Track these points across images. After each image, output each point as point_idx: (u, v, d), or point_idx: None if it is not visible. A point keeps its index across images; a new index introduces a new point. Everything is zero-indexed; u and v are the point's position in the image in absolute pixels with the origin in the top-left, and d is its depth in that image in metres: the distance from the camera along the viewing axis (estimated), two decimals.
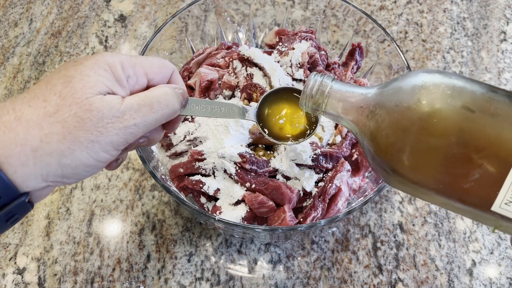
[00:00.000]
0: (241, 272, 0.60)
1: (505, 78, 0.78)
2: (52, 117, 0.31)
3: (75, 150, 0.32)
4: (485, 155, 0.31)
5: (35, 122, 0.31)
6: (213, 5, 0.67)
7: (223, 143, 0.55)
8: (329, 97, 0.41)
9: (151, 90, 0.36)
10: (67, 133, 0.31)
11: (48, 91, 0.32)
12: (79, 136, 0.32)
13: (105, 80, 0.33)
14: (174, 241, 0.62)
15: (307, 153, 0.54)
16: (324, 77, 0.41)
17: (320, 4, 0.68)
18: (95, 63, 0.34)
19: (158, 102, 0.35)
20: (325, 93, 0.41)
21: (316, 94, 0.41)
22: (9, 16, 0.85)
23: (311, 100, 0.42)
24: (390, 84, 0.38)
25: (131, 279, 0.59)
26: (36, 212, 0.64)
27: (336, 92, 0.40)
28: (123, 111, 0.33)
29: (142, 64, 0.36)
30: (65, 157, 0.32)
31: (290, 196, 0.53)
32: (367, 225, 0.63)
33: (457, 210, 0.35)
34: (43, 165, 0.31)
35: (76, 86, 0.32)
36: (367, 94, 0.39)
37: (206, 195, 0.56)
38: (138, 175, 0.67)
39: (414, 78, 0.36)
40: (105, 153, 0.33)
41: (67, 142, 0.31)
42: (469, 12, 0.85)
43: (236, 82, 0.61)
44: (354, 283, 0.59)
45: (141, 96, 0.35)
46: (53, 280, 0.59)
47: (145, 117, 0.35)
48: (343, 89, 0.41)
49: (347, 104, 0.40)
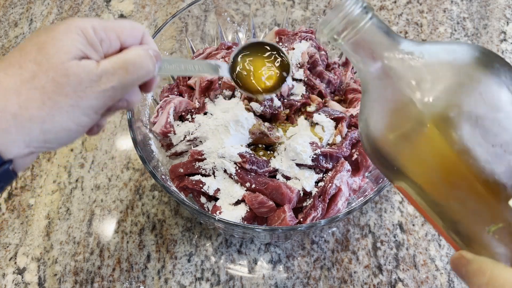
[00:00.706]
0: (241, 272, 0.60)
1: None
2: (30, 83, 0.32)
3: (56, 116, 0.33)
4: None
5: (12, 89, 0.31)
6: (213, 5, 0.67)
7: (223, 143, 0.55)
8: (363, 30, 0.34)
9: (125, 52, 0.37)
10: (46, 99, 0.32)
11: (22, 57, 0.32)
12: (58, 101, 0.32)
13: (79, 44, 0.34)
14: (174, 241, 0.62)
15: (307, 153, 0.54)
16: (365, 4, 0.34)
17: (320, 4, 0.68)
18: (67, 28, 0.34)
19: (132, 64, 0.36)
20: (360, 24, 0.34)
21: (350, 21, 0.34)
22: (9, 16, 0.85)
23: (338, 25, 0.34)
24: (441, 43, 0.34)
25: (131, 279, 0.59)
26: (36, 212, 0.64)
27: (374, 27, 0.34)
28: (99, 75, 0.34)
29: (114, 27, 0.37)
30: (46, 123, 0.32)
31: (290, 196, 0.53)
32: (367, 225, 0.63)
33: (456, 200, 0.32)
34: (25, 131, 0.32)
35: (50, 51, 0.32)
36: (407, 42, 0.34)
37: (206, 195, 0.56)
38: (138, 175, 0.67)
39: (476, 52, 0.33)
40: (85, 117, 0.34)
41: (46, 108, 0.32)
42: (469, 12, 0.85)
43: None
44: (354, 283, 0.59)
45: (115, 59, 0.36)
46: (53, 280, 0.59)
47: (122, 79, 0.35)
48: (381, 27, 0.34)
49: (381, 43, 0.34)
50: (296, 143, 0.55)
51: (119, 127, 0.72)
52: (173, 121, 0.59)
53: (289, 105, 0.59)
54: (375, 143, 0.35)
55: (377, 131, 0.35)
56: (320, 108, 0.60)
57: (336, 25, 0.34)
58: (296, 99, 0.60)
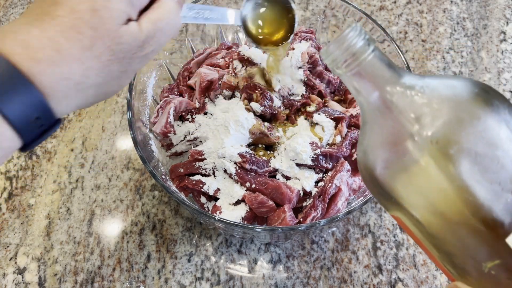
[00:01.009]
0: (241, 272, 0.60)
1: (504, 78, 0.78)
2: (89, 51, 0.32)
3: (110, 82, 0.35)
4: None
5: (75, 56, 0.32)
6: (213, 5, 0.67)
7: (223, 143, 0.55)
8: (364, 62, 0.34)
9: (158, 9, 0.37)
10: (103, 67, 0.33)
11: (77, 20, 0.32)
12: (113, 69, 0.34)
13: (124, 6, 0.34)
14: (174, 241, 0.62)
15: (307, 153, 0.54)
16: (366, 37, 0.34)
17: (320, 4, 0.68)
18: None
19: (167, 24, 0.37)
20: (362, 56, 0.33)
21: (352, 54, 0.33)
22: (9, 16, 0.85)
23: (340, 56, 0.34)
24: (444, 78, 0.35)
25: (131, 279, 0.59)
26: (36, 212, 0.64)
27: (375, 60, 0.34)
28: (143, 40, 0.35)
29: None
30: (101, 88, 0.34)
31: (290, 196, 0.53)
32: (367, 225, 0.63)
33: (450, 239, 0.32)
34: (83, 96, 0.34)
35: (104, 16, 0.32)
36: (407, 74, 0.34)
37: (206, 195, 0.56)
38: (138, 175, 0.67)
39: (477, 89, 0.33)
40: (129, 79, 0.37)
41: (103, 75, 0.34)
42: (469, 12, 0.85)
43: (236, 82, 0.62)
44: (354, 283, 0.59)
45: (153, 20, 0.36)
46: (54, 280, 0.59)
47: (160, 41, 0.37)
48: (383, 60, 0.34)
49: (383, 76, 0.34)
50: (296, 143, 0.55)
51: (119, 127, 0.72)
52: (173, 121, 0.59)
53: (289, 105, 0.59)
54: (373, 174, 0.35)
55: (375, 162, 0.34)
56: (320, 108, 0.60)
57: (338, 57, 0.34)
58: (296, 99, 0.60)
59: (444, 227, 0.33)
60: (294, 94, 0.61)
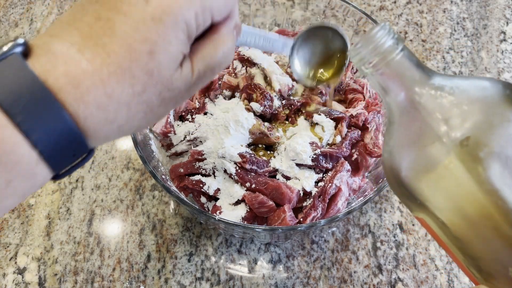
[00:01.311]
0: (241, 272, 0.60)
1: (504, 78, 0.78)
2: (140, 96, 0.30)
3: (150, 122, 0.33)
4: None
5: (124, 101, 0.30)
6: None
7: (223, 143, 0.55)
8: (393, 62, 0.33)
9: (213, 44, 0.34)
10: (149, 111, 0.32)
11: (133, 62, 0.29)
12: (158, 112, 0.32)
13: (182, 47, 0.31)
14: (174, 241, 0.62)
15: (307, 153, 0.54)
16: (395, 36, 0.34)
17: (320, 4, 0.68)
18: (175, 21, 0.30)
19: (220, 64, 0.34)
20: (391, 56, 0.33)
21: (381, 52, 0.33)
22: (9, 16, 0.85)
23: (369, 55, 0.34)
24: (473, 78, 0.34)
25: (131, 279, 0.59)
26: (36, 212, 0.64)
27: (404, 59, 0.34)
28: (193, 83, 0.33)
29: (212, 7, 0.32)
30: (141, 127, 0.33)
31: (290, 196, 0.53)
32: (367, 225, 0.63)
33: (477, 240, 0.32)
34: (121, 135, 0.32)
35: (161, 61, 0.30)
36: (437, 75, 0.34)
37: (206, 195, 0.56)
38: (139, 175, 0.67)
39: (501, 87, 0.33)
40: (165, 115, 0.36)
41: (147, 118, 0.32)
42: (469, 12, 0.85)
43: (236, 82, 0.62)
44: (354, 283, 0.59)
45: (207, 59, 0.33)
46: (54, 280, 0.59)
47: (207, 80, 0.35)
48: (412, 59, 0.34)
49: (411, 76, 0.33)
50: (296, 143, 0.55)
51: None
52: (173, 121, 0.59)
53: (289, 105, 0.59)
54: (399, 175, 0.34)
55: (401, 163, 0.34)
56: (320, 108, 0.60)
57: (365, 56, 0.34)
58: (296, 99, 0.60)
59: (470, 231, 0.32)
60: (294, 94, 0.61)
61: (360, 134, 0.58)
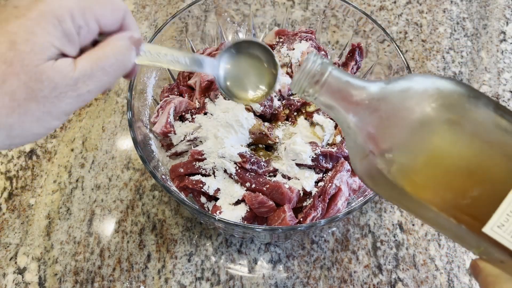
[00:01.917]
0: (241, 272, 0.60)
1: (504, 78, 0.78)
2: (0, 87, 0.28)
3: (25, 122, 0.30)
4: (487, 174, 0.31)
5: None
6: (213, 5, 0.67)
7: (223, 143, 0.55)
8: (326, 83, 0.37)
9: (103, 47, 0.33)
10: (16, 106, 0.29)
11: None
12: (30, 109, 0.30)
13: (55, 40, 0.30)
14: (174, 241, 0.62)
15: (307, 153, 0.54)
16: (324, 60, 0.37)
17: (320, 4, 0.68)
18: (41, 16, 0.29)
19: (111, 64, 0.33)
20: (323, 78, 0.37)
21: (313, 77, 0.37)
22: None
23: (304, 83, 0.38)
24: (396, 81, 0.36)
25: (132, 279, 0.59)
26: (36, 212, 0.64)
27: (335, 78, 0.37)
28: (76, 79, 0.31)
29: (92, 10, 0.32)
30: (14, 130, 0.30)
31: (290, 196, 0.53)
32: (367, 225, 0.63)
33: (444, 227, 0.34)
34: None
35: (23, 49, 0.29)
36: (369, 88, 0.37)
37: (206, 195, 0.56)
38: (139, 175, 0.67)
39: (426, 81, 0.34)
40: (57, 121, 0.32)
41: (16, 116, 0.29)
42: (469, 12, 0.85)
43: None
44: (354, 283, 0.59)
45: (94, 58, 0.32)
46: (54, 280, 0.59)
47: (99, 82, 0.32)
48: (342, 77, 0.37)
49: (344, 93, 0.37)
50: (296, 143, 0.55)
51: (119, 127, 0.72)
52: (173, 121, 0.59)
53: (289, 105, 0.59)
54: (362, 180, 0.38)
55: (356, 170, 0.38)
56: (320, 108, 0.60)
57: (302, 85, 0.38)
58: (296, 99, 0.60)
59: (429, 219, 0.35)
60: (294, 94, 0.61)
61: None
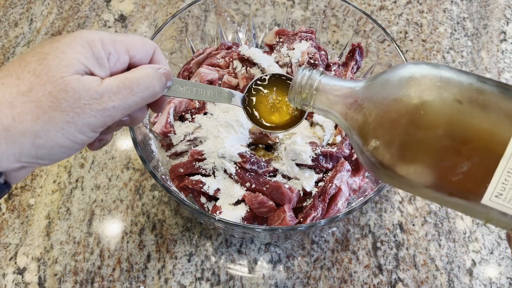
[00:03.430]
0: (241, 272, 0.60)
1: (505, 78, 0.78)
2: (25, 95, 0.30)
3: (50, 131, 0.31)
4: (474, 147, 0.31)
5: (7, 100, 0.30)
6: (213, 5, 0.67)
7: (223, 143, 0.55)
8: (318, 92, 0.40)
9: (132, 71, 0.35)
10: (41, 113, 0.31)
11: (21, 68, 0.31)
12: (54, 117, 0.31)
13: (83, 58, 0.32)
14: (174, 241, 0.62)
15: (307, 153, 0.54)
16: (312, 71, 0.40)
17: (320, 4, 0.68)
18: (73, 40, 0.32)
19: (138, 84, 0.35)
20: (313, 88, 0.40)
21: (304, 89, 0.40)
22: (9, 16, 0.85)
23: (299, 95, 0.40)
24: (377, 77, 0.37)
25: (131, 279, 0.59)
26: (36, 212, 0.64)
27: (325, 86, 0.39)
28: (101, 93, 0.32)
29: (124, 41, 0.35)
30: (39, 138, 0.31)
31: (290, 196, 0.53)
32: (367, 225, 0.63)
33: (448, 203, 0.35)
34: (16, 144, 0.31)
35: (51, 63, 0.31)
36: (355, 88, 0.38)
37: (206, 195, 0.56)
38: (138, 175, 0.67)
39: (401, 70, 0.35)
40: (81, 134, 0.33)
41: (41, 122, 0.31)
42: (469, 12, 0.85)
43: (236, 82, 0.61)
44: (354, 283, 0.59)
45: (121, 78, 0.34)
46: (53, 280, 0.59)
47: (125, 99, 0.34)
48: (331, 83, 0.40)
49: (336, 98, 0.39)
50: (296, 143, 0.55)
51: None
52: (173, 121, 0.59)
53: None
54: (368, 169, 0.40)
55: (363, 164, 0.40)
56: None
57: (297, 99, 0.41)
58: None
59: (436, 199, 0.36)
60: None
61: None
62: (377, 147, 0.35)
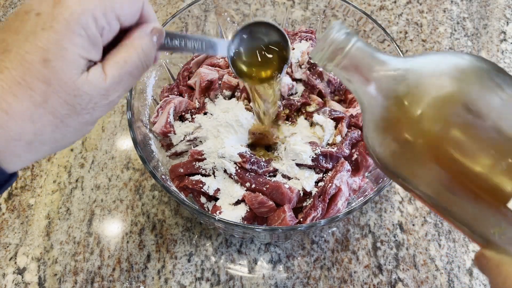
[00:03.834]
0: (241, 272, 0.60)
1: None
2: (42, 107, 0.30)
3: (67, 135, 0.32)
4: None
5: (26, 115, 0.30)
6: (213, 5, 0.67)
7: (223, 143, 0.55)
8: (349, 54, 0.36)
9: (127, 49, 0.34)
10: (59, 122, 0.31)
11: (27, 73, 0.29)
12: (70, 123, 0.32)
13: (83, 52, 0.31)
14: (174, 241, 0.62)
15: (307, 153, 0.54)
16: (349, 31, 0.37)
17: (320, 4, 0.68)
18: (68, 27, 0.30)
19: (136, 66, 0.34)
20: (346, 49, 0.36)
21: (336, 47, 0.36)
22: (9, 16, 0.85)
23: (327, 52, 0.37)
24: (420, 56, 0.36)
25: (131, 279, 0.59)
26: (36, 212, 0.64)
27: (359, 50, 0.36)
28: (107, 88, 0.33)
29: (113, 8, 0.32)
30: (57, 142, 0.32)
31: (290, 196, 0.53)
32: (367, 225, 0.63)
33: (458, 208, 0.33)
34: (37, 153, 0.32)
35: (57, 66, 0.30)
36: (391, 61, 0.36)
37: (206, 195, 0.56)
38: (138, 175, 0.67)
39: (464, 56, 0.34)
40: (91, 126, 0.34)
41: (59, 131, 0.32)
42: (469, 12, 0.85)
43: (236, 82, 0.61)
44: (354, 283, 0.59)
45: (121, 64, 0.33)
46: (53, 280, 0.59)
47: (127, 85, 0.34)
48: (366, 50, 0.36)
49: (367, 66, 0.36)
50: (295, 143, 0.55)
51: (119, 127, 0.72)
52: (173, 121, 0.59)
53: (289, 105, 0.59)
54: (377, 159, 0.36)
55: (376, 148, 0.36)
56: (320, 108, 0.60)
57: (324, 54, 0.37)
58: (296, 99, 0.60)
59: (452, 201, 0.33)
60: (294, 94, 0.61)
61: (360, 134, 0.58)
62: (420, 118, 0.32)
